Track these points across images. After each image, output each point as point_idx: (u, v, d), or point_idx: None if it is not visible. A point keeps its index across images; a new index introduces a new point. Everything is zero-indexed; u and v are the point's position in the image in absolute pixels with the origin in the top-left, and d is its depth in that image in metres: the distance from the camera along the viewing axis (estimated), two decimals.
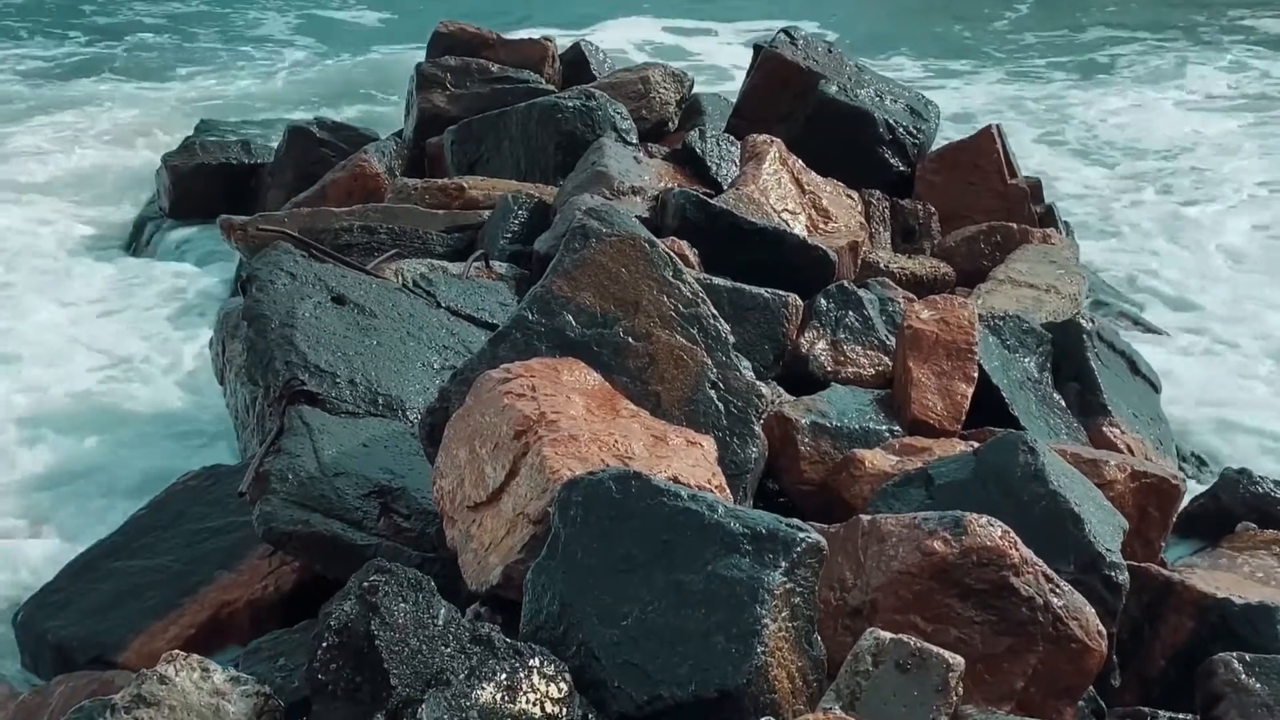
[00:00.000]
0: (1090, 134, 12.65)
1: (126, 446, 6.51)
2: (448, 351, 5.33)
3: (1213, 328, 7.89)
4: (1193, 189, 10.83)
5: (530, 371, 3.90)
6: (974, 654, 3.34)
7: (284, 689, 3.58)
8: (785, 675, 3.16)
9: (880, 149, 7.61)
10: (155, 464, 6.19)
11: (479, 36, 9.62)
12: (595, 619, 3.20)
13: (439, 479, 3.93)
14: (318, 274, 5.43)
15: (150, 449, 6.50)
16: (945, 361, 4.86)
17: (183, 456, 6.19)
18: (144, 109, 13.32)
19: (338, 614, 3.07)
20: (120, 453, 6.46)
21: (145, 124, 12.60)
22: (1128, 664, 3.98)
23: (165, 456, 6.31)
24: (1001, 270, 6.71)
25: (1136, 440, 5.19)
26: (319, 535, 4.25)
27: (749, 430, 4.26)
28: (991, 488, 3.92)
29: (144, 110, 13.23)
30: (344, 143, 9.09)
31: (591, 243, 4.31)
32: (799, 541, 3.23)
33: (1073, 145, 12.29)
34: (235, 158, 9.68)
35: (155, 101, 13.73)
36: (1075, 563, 3.72)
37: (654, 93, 8.55)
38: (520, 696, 2.99)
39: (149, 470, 6.11)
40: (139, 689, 3.15)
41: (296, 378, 4.87)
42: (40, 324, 8.13)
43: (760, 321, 5.11)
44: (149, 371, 7.39)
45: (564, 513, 3.34)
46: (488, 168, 7.91)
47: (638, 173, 6.82)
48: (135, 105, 13.48)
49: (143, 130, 12.37)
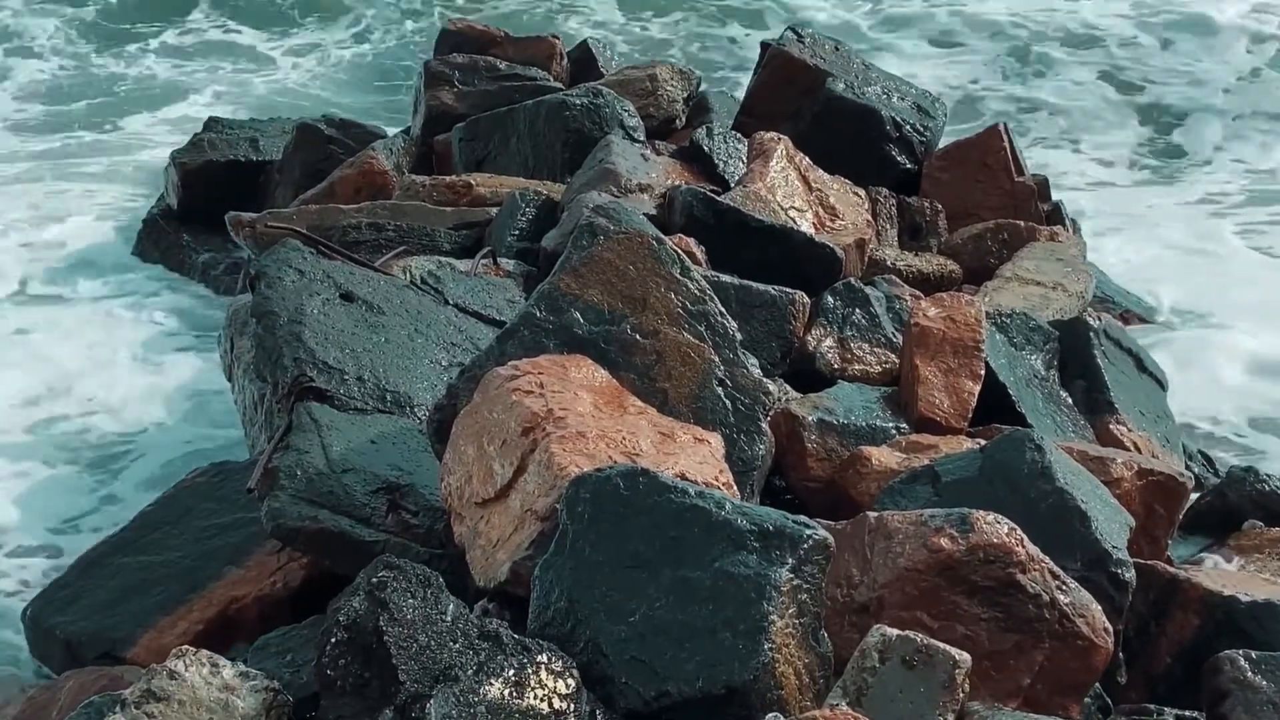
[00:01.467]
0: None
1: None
2: (455, 348, 5.34)
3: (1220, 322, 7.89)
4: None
5: (538, 368, 3.91)
6: (980, 651, 3.35)
7: (292, 684, 3.59)
8: (792, 672, 3.17)
9: (887, 146, 7.61)
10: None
11: (487, 34, 9.62)
12: (603, 615, 3.21)
13: (447, 475, 3.94)
14: (326, 271, 5.44)
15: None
16: (952, 359, 4.87)
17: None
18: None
19: (346, 610, 3.08)
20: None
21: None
22: (1134, 661, 3.98)
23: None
24: (1008, 268, 6.70)
25: (1143, 438, 5.19)
26: (327, 531, 4.26)
27: (756, 427, 4.27)
28: (998, 485, 3.93)
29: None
30: (352, 140, 9.08)
31: (599, 240, 4.32)
32: (806, 538, 3.24)
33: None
34: (244, 155, 9.67)
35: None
36: (1082, 560, 3.72)
37: (661, 90, 8.54)
38: (528, 692, 3.00)
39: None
40: (148, 684, 3.16)
41: (305, 374, 4.88)
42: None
43: (767, 319, 5.12)
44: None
45: (572, 509, 3.35)
46: (495, 165, 7.91)
47: (645, 170, 6.83)
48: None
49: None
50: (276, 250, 5.52)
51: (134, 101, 12.15)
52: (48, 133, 11.49)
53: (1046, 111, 11.64)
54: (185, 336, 7.86)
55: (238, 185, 9.23)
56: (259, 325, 5.11)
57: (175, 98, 12.19)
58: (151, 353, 7.65)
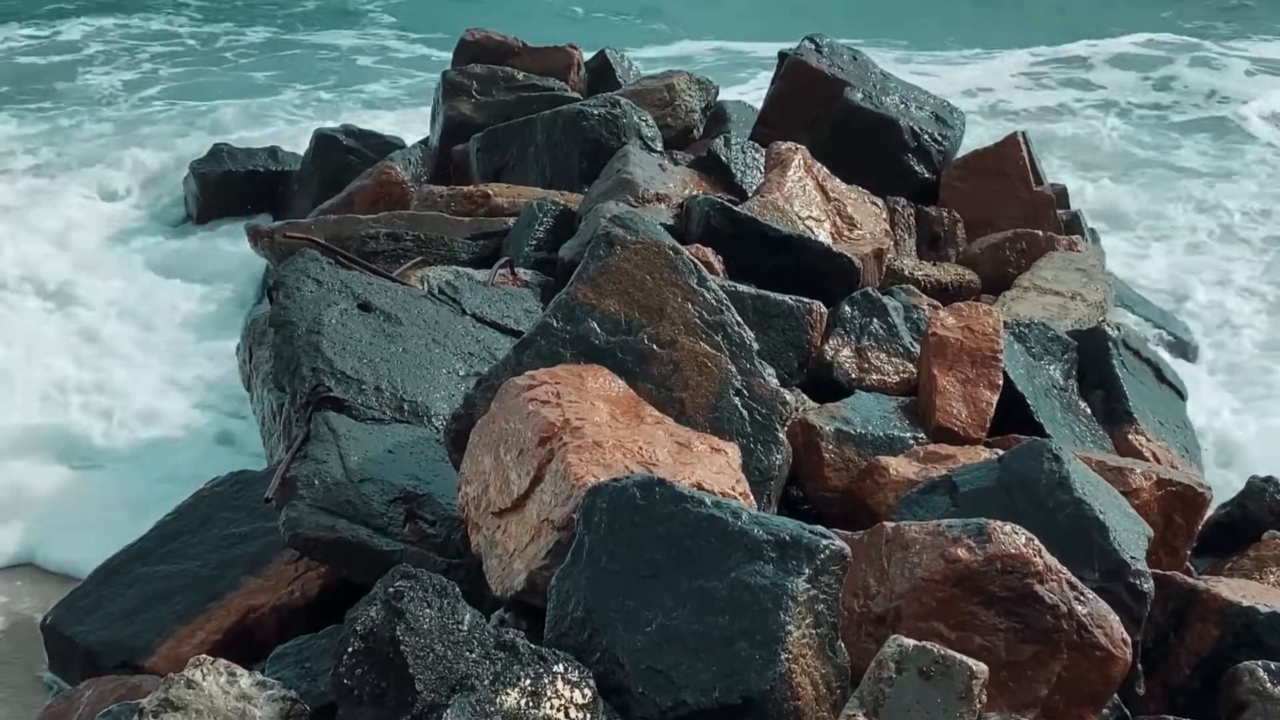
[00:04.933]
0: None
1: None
2: (473, 358, 5.35)
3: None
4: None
5: (555, 378, 3.91)
6: (998, 661, 3.34)
7: (310, 694, 3.60)
8: (809, 682, 3.16)
9: (905, 156, 7.61)
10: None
11: (505, 44, 9.65)
12: (619, 625, 3.21)
13: (464, 485, 3.94)
14: (344, 281, 5.45)
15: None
16: (970, 369, 4.86)
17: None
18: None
19: (363, 619, 3.09)
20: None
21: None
22: (1152, 672, 3.97)
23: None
24: (1027, 277, 6.69)
25: (1162, 448, 5.17)
26: (345, 541, 4.27)
27: (773, 437, 4.26)
28: (1016, 495, 3.91)
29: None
30: (370, 150, 9.12)
31: (616, 250, 4.32)
32: (823, 548, 3.23)
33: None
34: (262, 165, 9.72)
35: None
36: (1100, 570, 3.71)
37: (679, 100, 8.56)
38: (544, 702, 3.00)
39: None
40: (166, 693, 3.17)
41: (323, 384, 4.89)
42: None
43: (784, 328, 5.11)
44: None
45: (588, 519, 3.35)
46: (513, 175, 7.93)
47: (662, 180, 6.83)
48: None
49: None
50: (295, 260, 5.54)
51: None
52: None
53: None
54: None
55: (257, 195, 9.27)
56: (277, 335, 5.12)
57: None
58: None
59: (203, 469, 5.78)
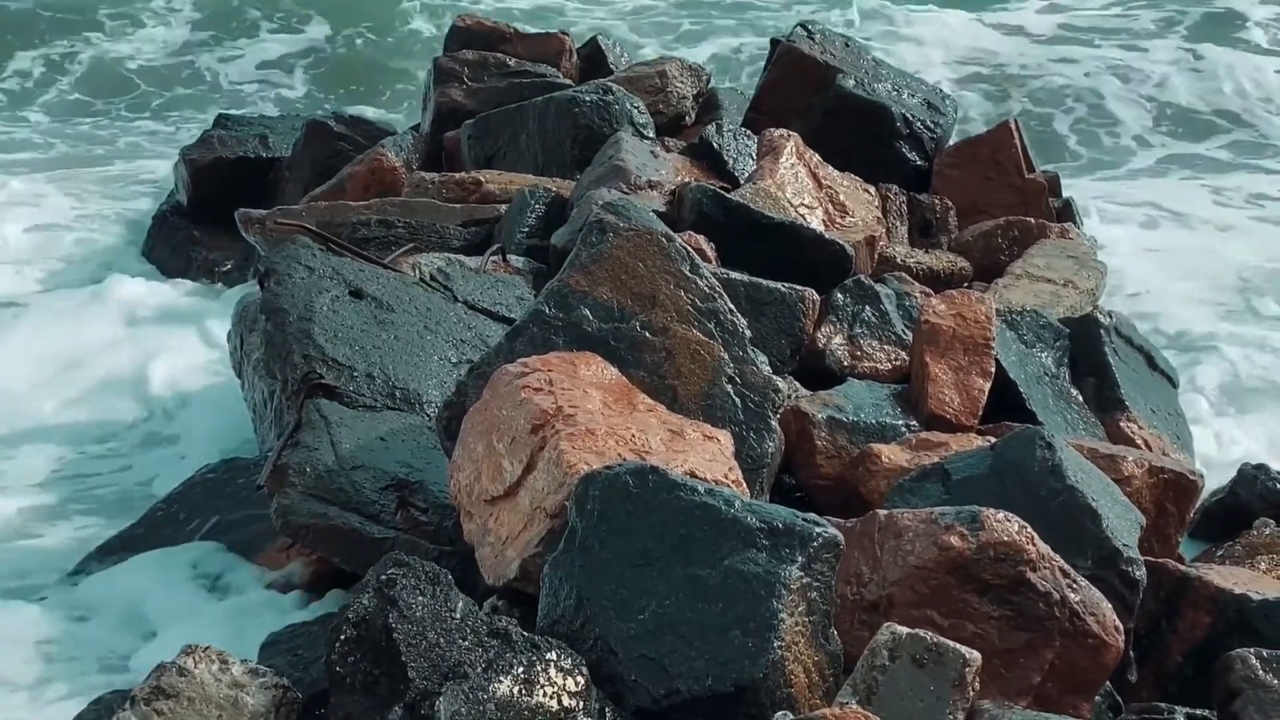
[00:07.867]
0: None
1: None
2: (465, 345, 5.34)
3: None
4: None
5: (547, 366, 3.91)
6: (990, 649, 3.34)
7: (302, 681, 3.59)
8: (802, 670, 3.16)
9: (898, 143, 7.59)
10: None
11: (496, 30, 9.61)
12: (612, 613, 3.21)
13: (456, 473, 3.94)
14: (335, 268, 5.44)
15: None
16: (962, 356, 4.86)
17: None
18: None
19: (355, 607, 3.08)
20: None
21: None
22: (1145, 659, 3.97)
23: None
24: (1019, 265, 6.69)
25: (1154, 435, 5.17)
26: (336, 528, 4.27)
27: (766, 425, 4.26)
28: (1009, 483, 3.92)
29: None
30: (361, 136, 9.08)
31: (609, 237, 4.31)
32: (815, 536, 3.24)
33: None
34: (253, 151, 9.68)
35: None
36: (1092, 558, 3.72)
37: (671, 87, 8.53)
38: (537, 690, 3.00)
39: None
40: (158, 680, 3.17)
41: (314, 371, 4.88)
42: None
43: (777, 316, 5.10)
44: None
45: (581, 507, 3.34)
46: (505, 162, 7.90)
47: (655, 167, 6.81)
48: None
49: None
50: (286, 247, 5.52)
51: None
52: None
53: None
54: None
55: (248, 182, 9.24)
56: (268, 322, 5.11)
57: None
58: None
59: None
